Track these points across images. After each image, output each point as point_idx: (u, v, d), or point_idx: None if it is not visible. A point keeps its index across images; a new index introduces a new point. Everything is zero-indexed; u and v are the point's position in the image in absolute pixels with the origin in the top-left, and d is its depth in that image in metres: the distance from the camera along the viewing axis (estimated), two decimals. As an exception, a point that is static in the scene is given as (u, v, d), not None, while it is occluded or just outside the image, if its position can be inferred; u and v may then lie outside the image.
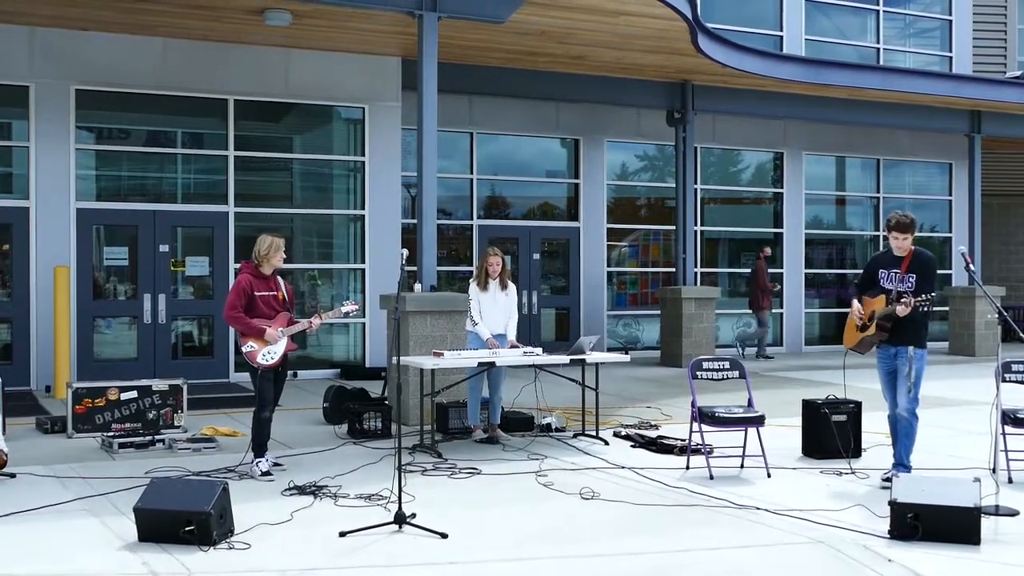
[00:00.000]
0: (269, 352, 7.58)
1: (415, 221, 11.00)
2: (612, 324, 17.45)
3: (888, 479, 6.98)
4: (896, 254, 7.37)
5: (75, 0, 11.41)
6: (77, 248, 12.65)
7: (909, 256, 7.32)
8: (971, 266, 7.56)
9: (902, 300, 7.07)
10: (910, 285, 7.21)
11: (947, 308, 18.77)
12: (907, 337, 7.23)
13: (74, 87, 12.65)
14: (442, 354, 8.63)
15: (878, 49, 19.58)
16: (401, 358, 8.68)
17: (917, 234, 7.43)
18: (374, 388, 10.80)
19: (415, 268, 10.68)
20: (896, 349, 7.28)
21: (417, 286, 10.45)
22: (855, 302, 7.53)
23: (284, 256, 7.82)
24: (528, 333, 15.74)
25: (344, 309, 7.97)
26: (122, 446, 8.48)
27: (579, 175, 17.05)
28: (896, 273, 7.31)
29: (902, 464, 7.25)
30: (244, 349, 7.58)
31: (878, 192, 19.83)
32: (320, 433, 9.49)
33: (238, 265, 9.11)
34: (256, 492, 6.98)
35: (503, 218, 16.79)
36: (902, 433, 7.26)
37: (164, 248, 13.16)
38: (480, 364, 8.69)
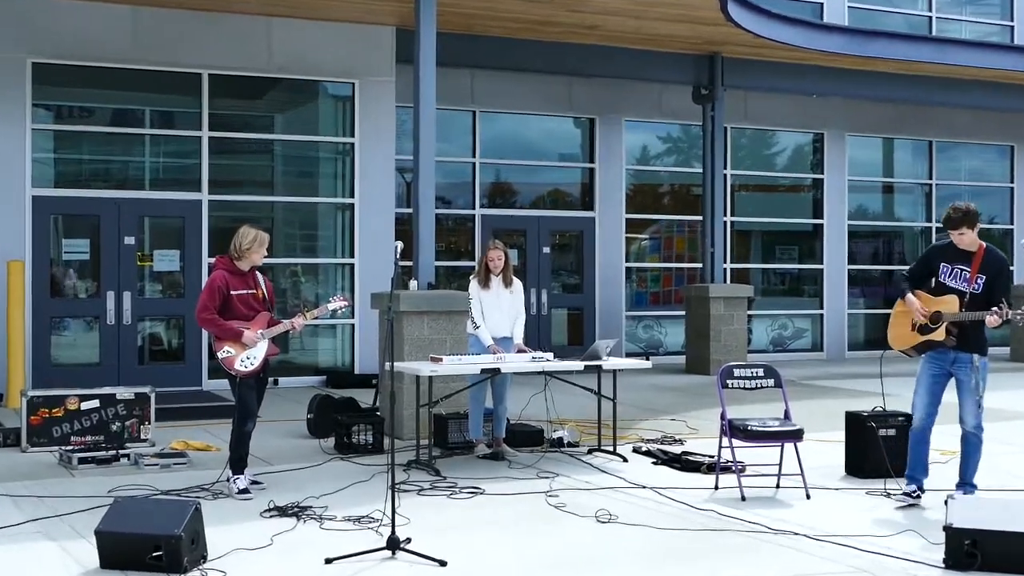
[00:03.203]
0: (248, 357, 7.57)
1: (411, 210, 11.00)
2: (631, 326, 17.44)
3: (946, 502, 6.93)
4: (962, 248, 7.16)
5: (31, -38, 11.45)
6: (33, 240, 12.66)
7: (981, 253, 7.14)
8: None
9: (993, 310, 6.86)
10: (977, 288, 7.08)
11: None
12: (972, 344, 7.13)
13: (31, 60, 12.66)
14: (441, 360, 8.63)
15: (930, 18, 19.53)
16: (395, 364, 8.66)
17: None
18: (364, 397, 10.82)
19: (410, 263, 10.69)
20: (956, 355, 7.19)
21: (413, 283, 10.45)
22: (910, 296, 7.29)
23: (266, 253, 7.82)
24: (537, 336, 15.75)
25: (332, 306, 8.02)
26: (82, 461, 8.49)
27: (594, 159, 17.05)
28: (964, 271, 7.15)
29: (969, 483, 7.22)
30: (220, 355, 7.57)
31: (931, 178, 19.78)
32: (304, 447, 9.49)
33: (212, 260, 9.12)
34: (232, 513, 6.99)
35: (509, 207, 16.80)
36: (971, 451, 7.20)
37: (130, 240, 13.17)
38: (483, 371, 8.68)
